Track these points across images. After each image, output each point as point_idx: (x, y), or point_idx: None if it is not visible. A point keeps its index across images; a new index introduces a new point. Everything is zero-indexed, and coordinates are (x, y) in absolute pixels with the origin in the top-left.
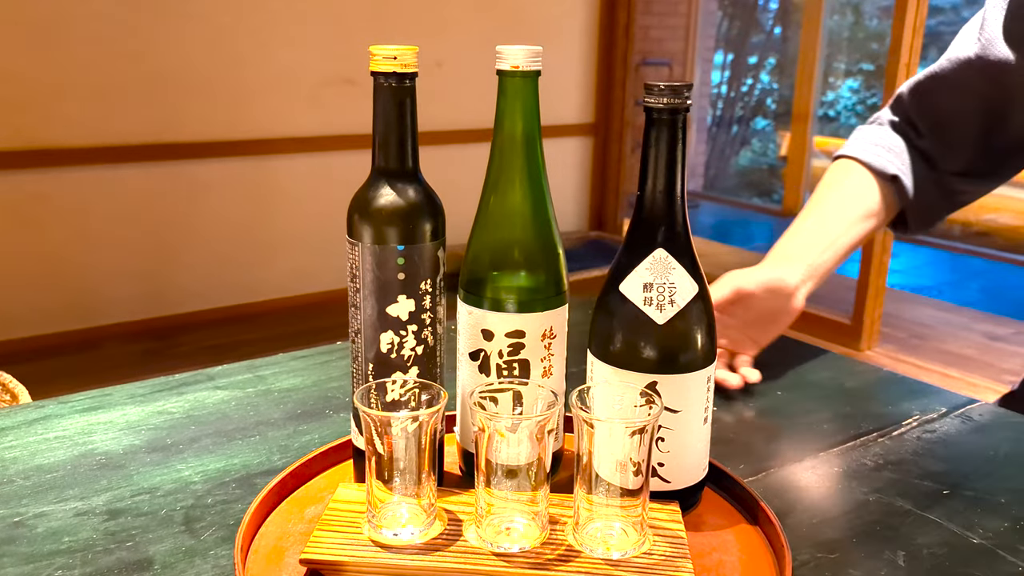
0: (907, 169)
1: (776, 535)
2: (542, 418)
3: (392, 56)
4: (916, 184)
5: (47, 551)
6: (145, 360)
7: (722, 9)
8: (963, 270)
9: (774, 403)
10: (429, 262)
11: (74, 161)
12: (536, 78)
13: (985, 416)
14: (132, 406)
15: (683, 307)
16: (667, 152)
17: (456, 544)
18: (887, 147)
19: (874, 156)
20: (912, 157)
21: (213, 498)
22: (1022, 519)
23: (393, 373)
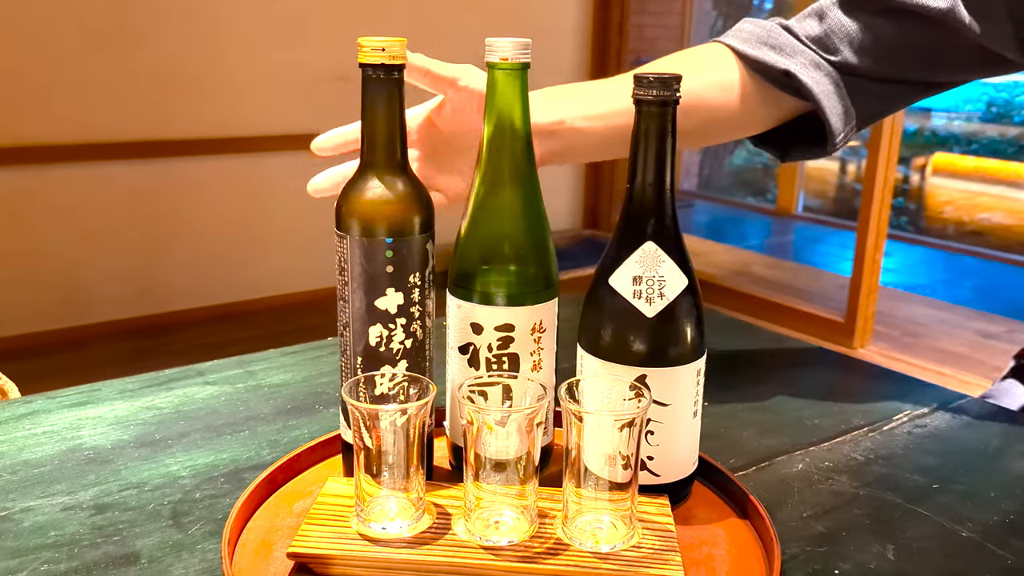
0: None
1: (765, 529)
2: (531, 411)
3: (380, 48)
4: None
5: (33, 545)
6: (136, 358)
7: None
8: (956, 269)
9: (765, 398)
10: (418, 255)
11: (63, 158)
12: (525, 70)
13: (975, 411)
14: (121, 401)
15: (672, 300)
16: (656, 145)
17: (445, 537)
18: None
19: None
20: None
21: (201, 493)
22: (1011, 513)
23: (382, 367)
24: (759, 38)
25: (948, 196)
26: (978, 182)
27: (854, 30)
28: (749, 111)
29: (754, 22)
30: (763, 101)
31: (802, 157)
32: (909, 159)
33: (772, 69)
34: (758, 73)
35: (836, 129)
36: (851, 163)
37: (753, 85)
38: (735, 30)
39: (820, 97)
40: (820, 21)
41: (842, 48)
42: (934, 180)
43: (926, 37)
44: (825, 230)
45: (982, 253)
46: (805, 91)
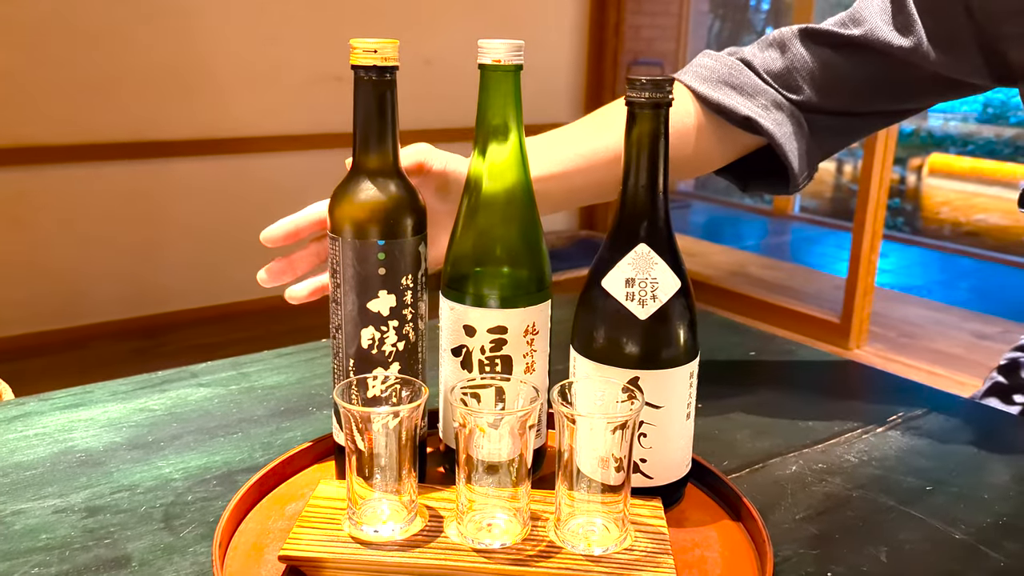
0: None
1: (758, 531)
2: (523, 413)
3: (372, 49)
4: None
5: (24, 548)
6: (131, 359)
7: (713, 10)
8: (952, 270)
9: (758, 399)
10: (410, 257)
11: (58, 159)
12: (518, 72)
13: (969, 413)
14: (114, 403)
15: (665, 302)
16: (649, 147)
17: (437, 540)
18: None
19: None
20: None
21: (193, 495)
22: (1004, 515)
23: (374, 369)
24: (720, 76)
25: (944, 197)
26: (974, 183)
27: (816, 66)
28: (704, 151)
29: (714, 56)
30: (719, 140)
31: (762, 191)
32: (905, 160)
33: (733, 114)
34: (718, 114)
35: (798, 171)
36: (847, 164)
37: (709, 126)
38: (695, 65)
39: (782, 141)
40: (782, 54)
41: (804, 86)
42: (930, 181)
43: (890, 72)
44: (821, 231)
45: (978, 254)
46: (766, 135)
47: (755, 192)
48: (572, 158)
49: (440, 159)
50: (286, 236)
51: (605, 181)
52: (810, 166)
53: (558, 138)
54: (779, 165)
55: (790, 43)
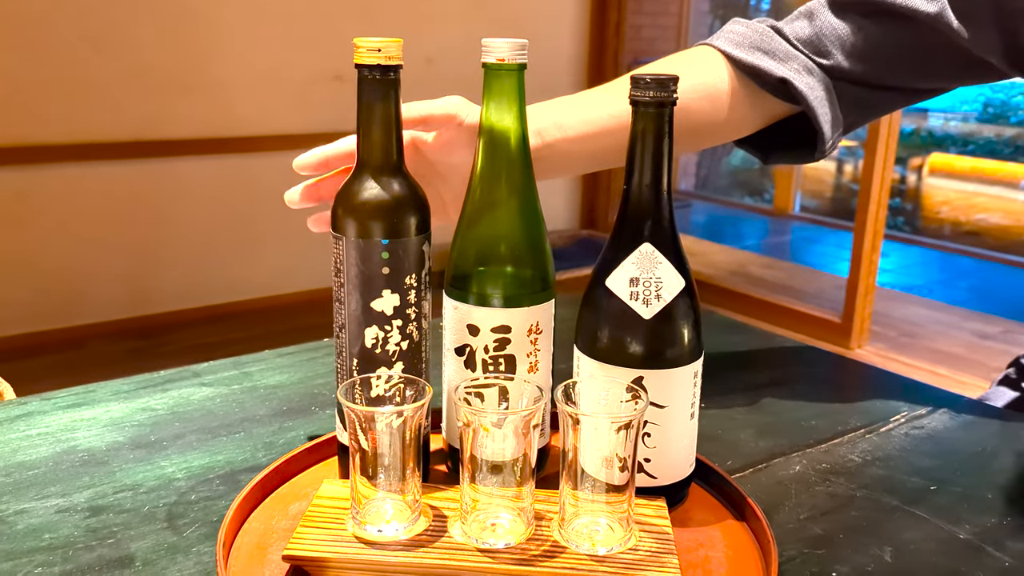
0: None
1: (763, 531)
2: (527, 413)
3: (376, 48)
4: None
5: (27, 548)
6: (131, 359)
7: (713, 9)
8: (953, 269)
9: (762, 399)
10: (414, 256)
11: (58, 158)
12: (522, 71)
13: (972, 413)
14: (116, 403)
15: (669, 302)
16: (653, 146)
17: (441, 540)
18: (771, 51)
19: (748, 52)
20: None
21: (196, 495)
22: (1009, 515)
23: (378, 368)
24: (752, 42)
25: (945, 196)
26: (975, 182)
27: (845, 32)
28: (737, 117)
29: (745, 23)
30: (752, 106)
31: (785, 161)
32: (906, 159)
33: (768, 75)
34: (752, 78)
35: (827, 135)
36: (848, 163)
37: (743, 90)
38: (726, 32)
39: (814, 104)
40: (810, 22)
41: (833, 51)
42: (931, 180)
43: (915, 40)
44: (822, 230)
45: (978, 253)
46: (800, 97)
47: (776, 162)
48: (599, 119)
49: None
50: (318, 164)
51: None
52: (835, 132)
53: (582, 100)
54: (802, 135)
55: (818, 12)
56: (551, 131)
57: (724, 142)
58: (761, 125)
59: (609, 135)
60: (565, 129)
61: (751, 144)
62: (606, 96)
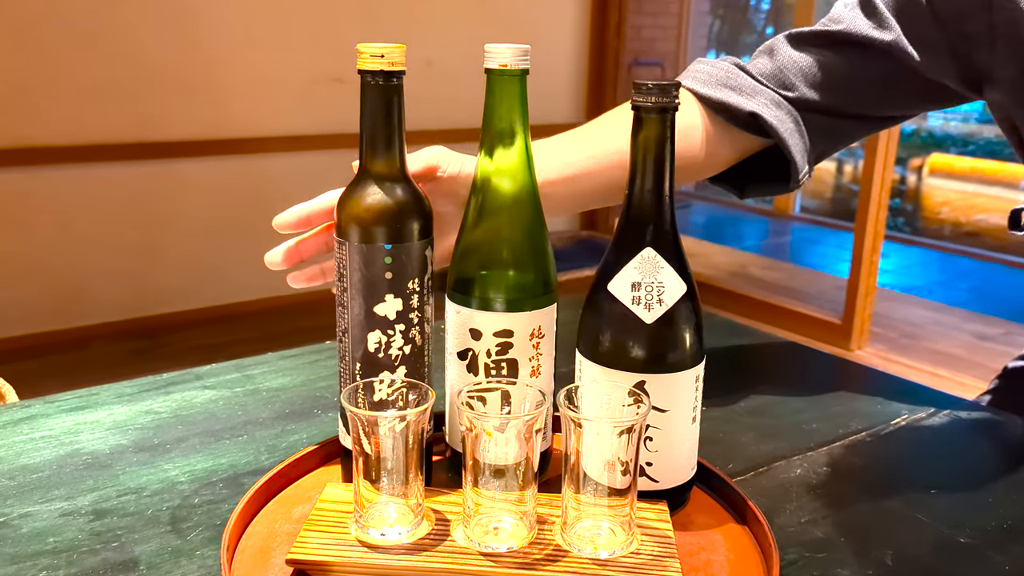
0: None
1: (764, 534)
2: (530, 417)
3: (379, 54)
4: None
5: (32, 551)
6: (133, 360)
7: (713, 10)
8: (953, 270)
9: (763, 402)
10: (417, 261)
11: (59, 160)
12: (524, 77)
13: (973, 416)
14: (119, 406)
15: (671, 306)
16: (655, 151)
17: (444, 544)
18: (738, 87)
19: (716, 89)
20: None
21: (200, 498)
22: (1009, 518)
23: (381, 372)
24: (718, 80)
25: (945, 197)
26: (974, 183)
27: (805, 64)
28: (711, 154)
29: (709, 62)
30: (724, 142)
31: (761, 194)
32: (906, 160)
33: (737, 111)
34: (722, 115)
35: (799, 166)
36: (848, 164)
37: (715, 128)
38: (692, 71)
39: (785, 136)
40: (771, 58)
41: (796, 83)
42: (931, 181)
43: (873, 68)
44: (822, 231)
45: (978, 254)
46: (770, 130)
47: (752, 196)
48: (579, 161)
49: (455, 163)
50: (298, 222)
51: (612, 185)
52: (806, 163)
53: (564, 142)
54: (776, 168)
55: (778, 48)
56: (558, 170)
57: (700, 179)
58: (734, 160)
59: (589, 177)
60: (546, 172)
61: (726, 181)
62: (586, 138)
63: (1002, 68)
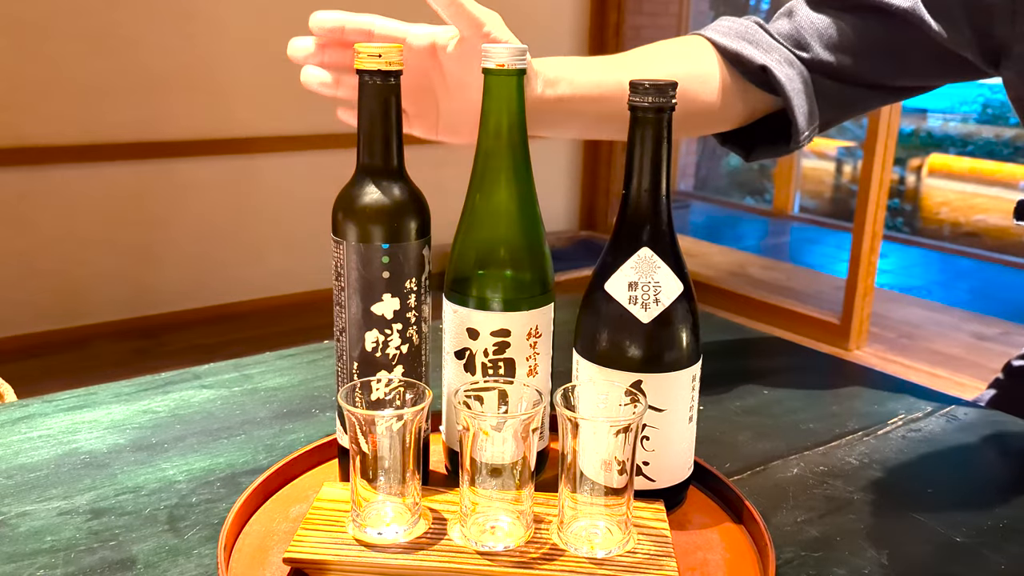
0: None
1: (760, 533)
2: (527, 417)
3: (377, 54)
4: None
5: (29, 550)
6: (133, 359)
7: (713, 8)
8: (952, 270)
9: (760, 402)
10: (414, 260)
11: (59, 159)
12: (522, 76)
13: (970, 415)
14: (117, 405)
15: (668, 306)
16: (652, 151)
17: (440, 543)
18: (755, 41)
19: (733, 40)
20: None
21: (197, 497)
22: (1006, 518)
23: (378, 372)
24: (737, 33)
25: (944, 197)
26: (974, 183)
27: (822, 25)
28: (726, 104)
29: (732, 19)
30: (736, 95)
31: (766, 155)
32: (905, 160)
33: (750, 63)
34: (736, 66)
35: (801, 126)
36: (847, 164)
37: (730, 78)
38: (715, 25)
39: (791, 94)
40: (790, 19)
41: (812, 44)
42: (930, 181)
43: (890, 33)
44: (821, 231)
45: (977, 254)
46: (778, 87)
47: (758, 158)
48: (610, 84)
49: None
50: (332, 29)
51: None
52: (810, 126)
53: (595, 63)
54: (781, 131)
55: (797, 8)
56: (562, 85)
57: (713, 130)
58: (746, 118)
59: (617, 101)
60: (576, 86)
61: (734, 142)
62: (617, 64)
63: (1019, 43)
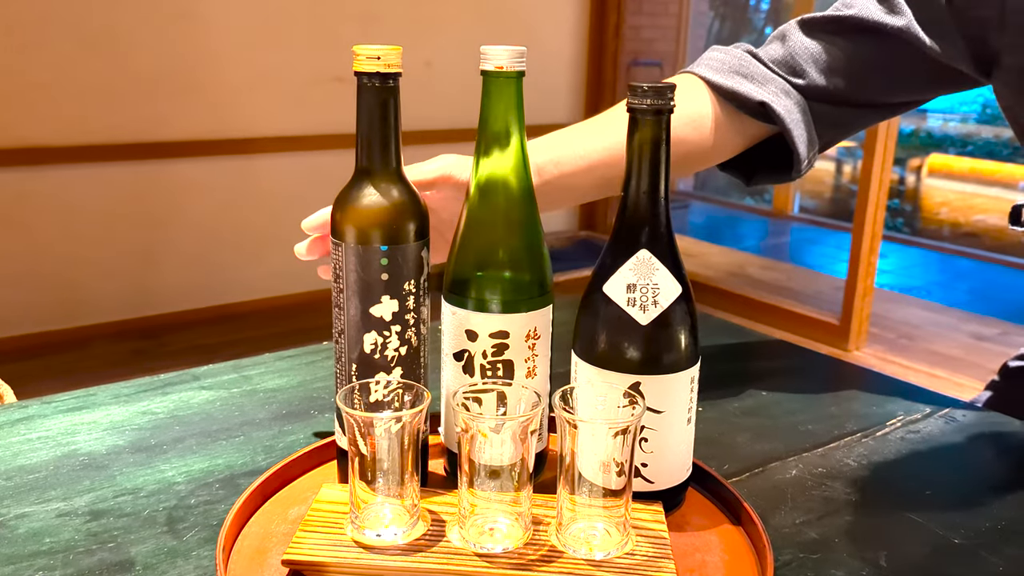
0: (779, 92)
1: (759, 535)
2: (525, 419)
3: (376, 56)
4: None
5: (28, 552)
6: (133, 359)
7: (713, 9)
8: (951, 271)
9: (759, 403)
10: (413, 262)
11: (59, 160)
12: (520, 79)
13: (968, 417)
14: (116, 406)
15: (666, 308)
16: (651, 153)
17: (439, 545)
18: (750, 75)
19: (727, 77)
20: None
21: (196, 499)
22: (1003, 519)
23: (377, 374)
24: (731, 67)
25: (944, 197)
26: (973, 184)
27: (816, 50)
28: (721, 142)
29: (722, 49)
30: (733, 130)
31: (767, 182)
32: (905, 160)
33: (747, 99)
34: (732, 102)
35: (802, 156)
36: (847, 164)
37: (725, 115)
38: (706, 59)
39: (790, 126)
40: (783, 44)
41: (807, 69)
42: (930, 181)
43: (884, 53)
44: (821, 231)
45: (976, 255)
46: (777, 120)
47: (758, 184)
48: (594, 153)
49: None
50: (323, 224)
51: None
52: (811, 152)
53: (578, 133)
54: (780, 157)
55: (790, 33)
56: (548, 168)
57: (709, 166)
58: (743, 148)
59: (605, 167)
60: (561, 165)
61: (734, 168)
62: (599, 128)
63: (1008, 55)
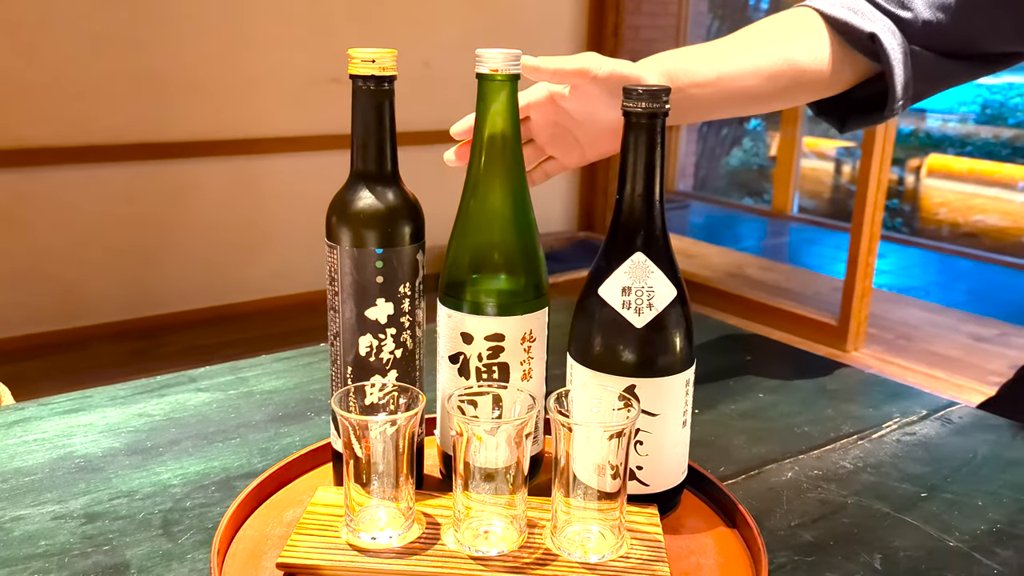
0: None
1: (753, 538)
2: (520, 422)
3: (371, 59)
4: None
5: (23, 555)
6: (131, 360)
7: (712, 10)
8: (950, 271)
9: (755, 405)
10: (408, 265)
11: (59, 160)
12: (515, 82)
13: (964, 419)
14: (113, 408)
15: (661, 311)
16: (645, 157)
17: (434, 548)
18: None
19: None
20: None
21: (192, 501)
22: (999, 522)
23: (372, 376)
24: (843, 3)
25: (943, 198)
26: (972, 184)
27: None
28: (835, 71)
29: None
30: (844, 62)
31: (859, 125)
32: (904, 160)
33: (858, 32)
34: (842, 35)
35: (898, 94)
36: (846, 164)
37: (837, 47)
38: None
39: (893, 63)
40: None
41: (915, 3)
42: (929, 182)
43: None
44: (821, 231)
45: (976, 255)
46: (882, 54)
47: (851, 129)
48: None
49: (606, 65)
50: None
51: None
52: (905, 95)
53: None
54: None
55: None
56: (680, 76)
57: (815, 98)
58: (852, 84)
59: (740, 79)
60: (692, 75)
61: (828, 113)
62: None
63: None
